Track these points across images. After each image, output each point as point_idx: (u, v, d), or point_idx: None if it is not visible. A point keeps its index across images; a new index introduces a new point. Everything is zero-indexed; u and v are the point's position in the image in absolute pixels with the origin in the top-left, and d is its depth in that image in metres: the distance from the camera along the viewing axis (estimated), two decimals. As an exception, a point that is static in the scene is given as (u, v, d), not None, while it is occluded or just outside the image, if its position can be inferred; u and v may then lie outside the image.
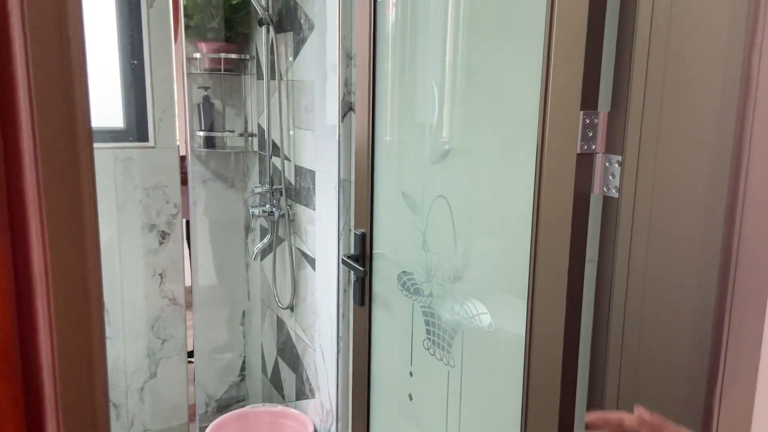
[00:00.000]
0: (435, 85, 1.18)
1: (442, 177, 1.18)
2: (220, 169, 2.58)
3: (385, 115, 1.35)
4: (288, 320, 2.33)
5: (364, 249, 1.43)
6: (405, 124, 1.29)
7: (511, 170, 1.01)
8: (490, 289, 1.08)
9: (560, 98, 0.88)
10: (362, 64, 1.38)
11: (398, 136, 1.32)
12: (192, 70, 2.45)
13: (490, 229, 1.07)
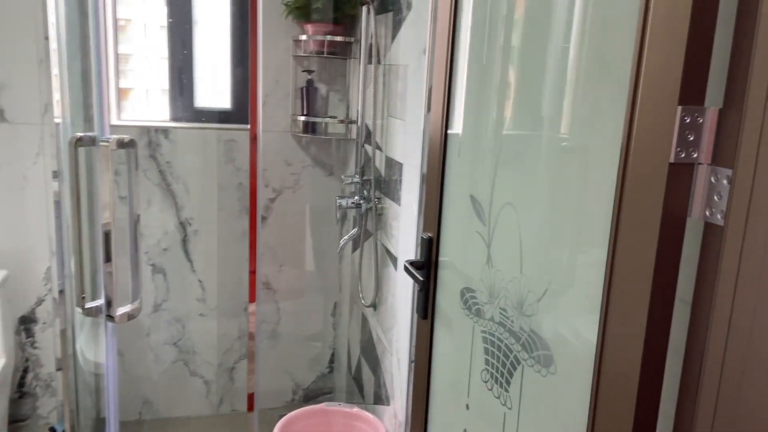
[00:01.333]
0: (512, 75, 0.97)
1: (510, 182, 0.98)
2: (320, 155, 2.51)
3: (460, 108, 1.16)
4: (371, 319, 2.21)
5: (430, 255, 1.26)
6: (479, 119, 1.10)
7: (589, 182, 0.79)
8: (555, 324, 0.87)
9: (652, 86, 0.66)
10: (440, 52, 1.21)
11: (471, 132, 1.13)
12: (297, 53, 2.39)
13: (561, 251, 0.86)
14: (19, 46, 2.16)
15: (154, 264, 2.44)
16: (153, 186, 2.38)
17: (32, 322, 2.36)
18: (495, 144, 1.03)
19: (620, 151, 0.71)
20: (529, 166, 0.94)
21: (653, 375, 0.71)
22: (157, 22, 2.42)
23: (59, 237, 1.88)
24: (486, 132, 1.07)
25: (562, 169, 0.85)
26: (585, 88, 0.80)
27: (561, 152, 0.86)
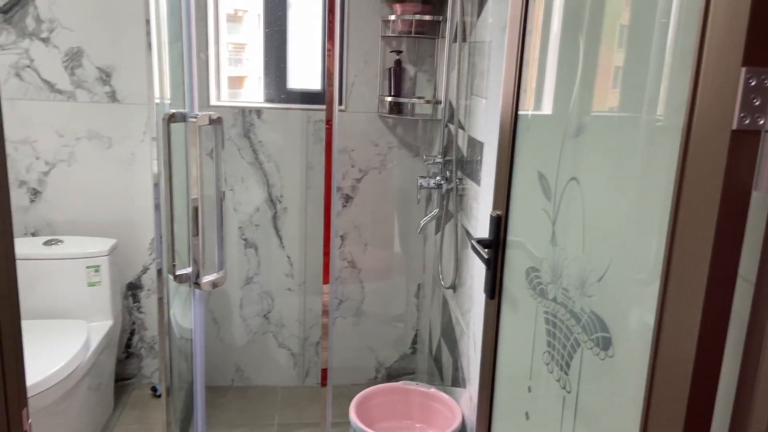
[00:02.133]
0: (581, 41, 0.93)
1: (576, 155, 0.93)
2: (406, 136, 2.51)
3: (531, 80, 1.12)
4: (450, 301, 2.20)
5: (498, 234, 1.23)
6: (550, 92, 1.05)
7: (653, 155, 0.74)
8: (615, 305, 0.83)
9: (715, 47, 0.60)
10: (513, 27, 1.17)
11: (542, 106, 1.09)
12: (386, 33, 2.40)
13: (622, 229, 0.81)
14: (129, 30, 2.32)
15: (246, 239, 2.56)
16: (246, 164, 2.49)
17: (138, 289, 2.55)
18: (563, 118, 0.98)
19: (683, 120, 0.66)
20: (593, 139, 0.89)
21: (710, 358, 0.66)
22: (256, 9, 2.52)
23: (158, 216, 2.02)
24: (557, 105, 1.02)
25: (626, 143, 0.80)
26: (651, 58, 0.75)
27: (625, 125, 0.81)
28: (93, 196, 2.43)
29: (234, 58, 2.61)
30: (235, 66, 2.62)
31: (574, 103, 0.95)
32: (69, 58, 2.31)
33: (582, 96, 0.93)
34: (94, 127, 2.38)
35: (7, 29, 2.26)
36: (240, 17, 2.63)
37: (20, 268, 2.20)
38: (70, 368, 1.93)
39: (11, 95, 2.31)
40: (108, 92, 2.36)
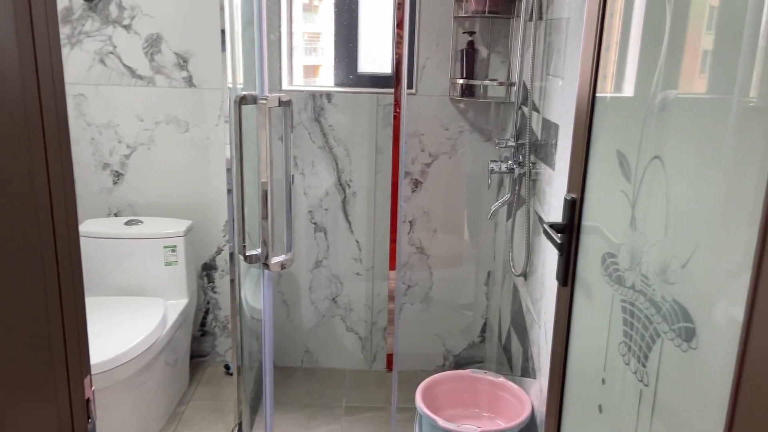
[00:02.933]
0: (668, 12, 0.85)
1: (660, 131, 0.86)
2: (478, 120, 2.45)
3: (611, 56, 1.05)
4: (521, 289, 2.14)
5: (572, 218, 1.17)
6: (630, 63, 0.98)
7: (746, 136, 0.67)
8: (700, 294, 0.76)
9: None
10: None
11: (621, 80, 1.02)
12: (459, 13, 2.34)
13: (711, 212, 0.75)
14: (205, 16, 2.37)
15: (316, 222, 2.58)
16: (317, 148, 2.50)
17: (212, 269, 2.63)
18: (646, 95, 0.91)
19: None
20: (679, 117, 0.82)
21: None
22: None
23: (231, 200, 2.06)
24: (639, 82, 0.95)
25: (715, 122, 0.73)
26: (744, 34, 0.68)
27: (714, 104, 0.74)
28: (171, 178, 2.51)
29: (309, 47, 2.63)
30: (310, 55, 2.63)
31: (658, 79, 0.87)
32: (149, 45, 2.39)
33: (667, 72, 0.86)
34: (172, 111, 2.45)
35: (92, 17, 2.36)
36: (315, 7, 2.63)
37: (103, 247, 2.30)
38: (148, 343, 2.01)
39: (96, 81, 2.41)
40: (185, 77, 2.43)
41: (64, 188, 0.71)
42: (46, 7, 0.65)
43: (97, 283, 2.33)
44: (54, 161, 0.69)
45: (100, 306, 2.19)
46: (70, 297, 0.68)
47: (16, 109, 0.61)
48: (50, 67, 0.68)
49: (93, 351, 1.85)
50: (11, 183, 0.60)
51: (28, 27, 0.63)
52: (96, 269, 2.31)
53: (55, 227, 0.69)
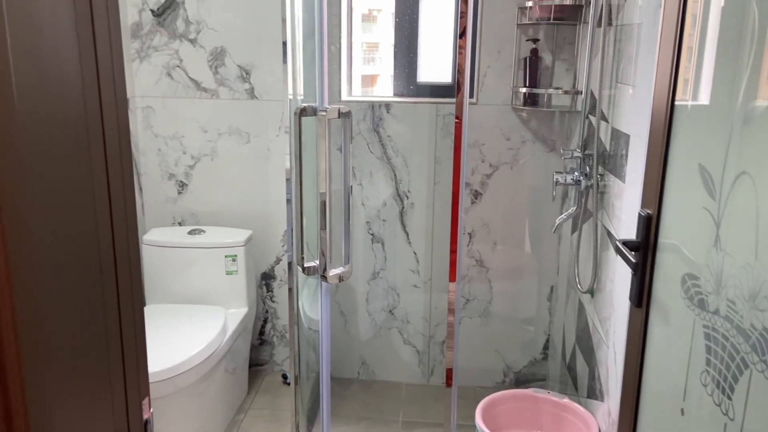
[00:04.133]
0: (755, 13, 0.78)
1: (751, 145, 0.79)
2: (541, 129, 2.38)
3: (690, 63, 0.98)
4: (587, 306, 2.05)
5: (647, 235, 1.10)
6: (718, 75, 0.91)
7: None
8: (799, 323, 0.69)
9: None
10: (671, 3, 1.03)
11: (701, 83, 0.95)
12: (522, 21, 2.28)
13: (812, 231, 0.67)
14: (267, 29, 2.40)
15: (373, 233, 2.56)
16: (375, 159, 2.48)
17: (271, 279, 2.64)
18: (731, 104, 0.84)
19: None
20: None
21: None
22: (390, 8, 2.51)
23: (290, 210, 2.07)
24: (723, 91, 0.88)
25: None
26: None
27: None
28: (232, 188, 2.55)
29: (368, 57, 2.63)
30: (369, 65, 2.63)
31: (746, 86, 0.81)
32: (213, 58, 2.44)
33: (754, 79, 0.79)
34: (234, 122, 2.49)
35: (160, 32, 2.42)
36: (374, 17, 2.63)
37: (167, 256, 2.35)
38: (209, 351, 2.03)
39: (163, 93, 2.48)
40: (247, 89, 2.46)
41: (124, 200, 0.70)
42: (108, 19, 0.65)
43: (161, 290, 2.38)
44: (114, 172, 0.68)
45: (163, 313, 2.24)
46: (130, 315, 0.68)
47: (77, 119, 0.61)
48: (112, 80, 0.68)
49: (156, 359, 1.88)
50: (72, 194, 0.60)
51: (90, 38, 0.62)
52: (160, 277, 2.36)
53: (115, 238, 0.68)
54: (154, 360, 1.85)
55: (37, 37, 0.54)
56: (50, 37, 0.56)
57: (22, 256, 0.51)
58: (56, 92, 0.58)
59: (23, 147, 0.52)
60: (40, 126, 0.54)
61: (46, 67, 0.56)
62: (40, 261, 0.54)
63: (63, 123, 0.59)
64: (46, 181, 0.56)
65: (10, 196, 0.49)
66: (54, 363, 0.56)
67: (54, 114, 0.57)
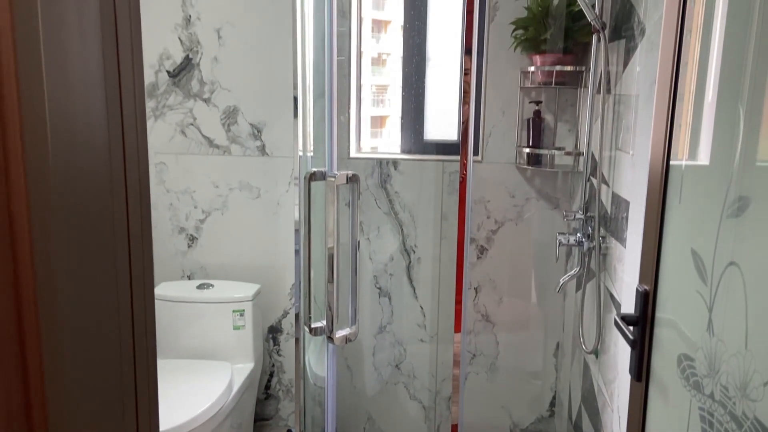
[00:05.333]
0: (741, 106, 0.83)
1: (737, 237, 0.83)
2: (545, 188, 2.43)
3: (682, 147, 1.03)
4: (592, 366, 2.05)
5: (645, 311, 1.13)
6: (704, 156, 0.95)
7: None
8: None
9: None
10: (663, 80, 1.08)
11: (695, 175, 0.99)
12: (525, 84, 2.35)
13: (796, 329, 0.70)
14: (278, 89, 2.48)
15: (380, 287, 2.59)
16: (382, 214, 2.53)
17: (278, 332, 2.66)
18: (722, 192, 0.88)
19: None
20: (760, 220, 0.78)
21: None
22: (398, 52, 2.60)
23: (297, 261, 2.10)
24: (714, 178, 0.92)
25: (801, 229, 0.70)
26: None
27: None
28: (242, 241, 2.60)
29: (377, 99, 2.71)
30: (378, 107, 2.71)
31: (736, 177, 0.84)
32: (226, 116, 2.52)
33: (745, 171, 0.83)
34: (245, 178, 2.56)
35: (175, 91, 2.51)
36: (384, 60, 2.72)
37: (175, 310, 2.39)
38: (216, 408, 2.04)
39: (176, 150, 2.55)
40: (258, 146, 2.53)
41: (143, 253, 0.74)
42: (134, 79, 0.70)
43: (167, 345, 2.40)
44: (135, 224, 0.72)
45: (169, 369, 2.26)
46: (144, 373, 0.71)
47: (102, 172, 0.65)
48: (135, 135, 0.72)
49: (163, 416, 1.90)
50: (95, 243, 0.64)
51: (117, 96, 0.67)
52: (167, 331, 2.39)
53: (133, 292, 0.72)
54: (161, 418, 1.86)
55: (70, 95, 0.58)
56: (81, 95, 0.60)
57: (48, 302, 0.54)
58: (84, 146, 0.62)
59: (55, 198, 0.55)
60: (68, 177, 0.58)
61: (76, 123, 0.60)
62: (62, 306, 0.57)
63: (89, 175, 0.62)
64: (73, 230, 0.59)
65: (42, 246, 0.53)
66: (73, 424, 0.59)
67: (81, 166, 0.61)
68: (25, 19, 0.51)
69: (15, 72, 0.50)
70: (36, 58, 0.53)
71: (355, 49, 2.51)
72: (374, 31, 2.68)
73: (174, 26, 2.46)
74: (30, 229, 0.53)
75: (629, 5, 1.73)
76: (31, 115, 0.52)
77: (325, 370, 1.83)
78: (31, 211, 0.53)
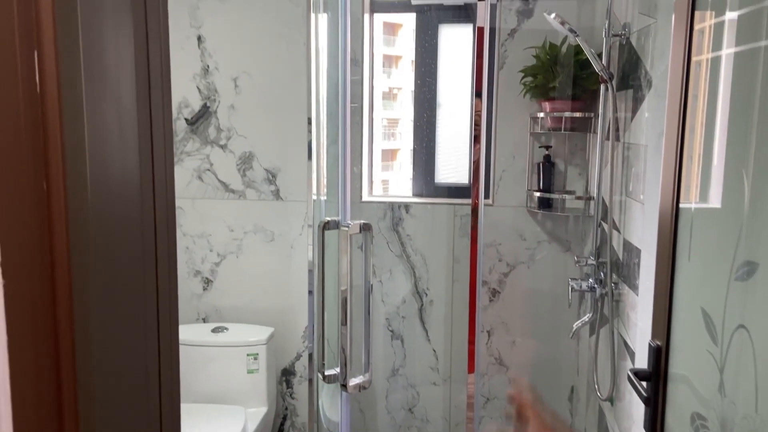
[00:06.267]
0: (746, 173, 0.85)
1: (745, 301, 0.84)
2: (556, 231, 2.44)
3: (692, 202, 1.05)
4: (608, 414, 2.04)
5: (657, 366, 1.13)
6: (713, 219, 0.97)
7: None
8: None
9: None
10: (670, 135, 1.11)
11: (703, 234, 1.01)
12: (535, 129, 2.39)
13: (805, 397, 0.71)
14: (293, 133, 2.54)
15: (393, 330, 2.59)
16: (395, 257, 2.55)
17: (291, 375, 2.67)
18: (729, 253, 0.90)
19: None
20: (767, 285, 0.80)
21: None
22: (410, 86, 2.65)
23: (311, 302, 2.12)
24: (722, 239, 0.94)
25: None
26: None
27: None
28: (256, 284, 2.62)
29: (388, 132, 2.76)
30: (389, 140, 2.76)
31: (743, 242, 0.86)
32: (242, 162, 2.57)
33: (753, 232, 0.85)
34: (259, 221, 2.60)
35: (193, 138, 2.57)
36: (395, 95, 2.78)
37: (190, 354, 2.40)
38: (228, 454, 2.04)
39: (193, 195, 2.60)
40: (273, 190, 2.58)
41: (169, 297, 0.76)
42: (164, 128, 0.73)
43: (182, 389, 2.41)
44: (162, 269, 0.74)
45: (183, 414, 2.26)
46: (169, 419, 0.73)
47: (133, 217, 0.68)
48: (164, 182, 0.75)
49: (176, 463, 1.90)
50: (126, 288, 0.66)
51: (148, 145, 0.70)
52: (182, 375, 2.40)
53: (160, 332, 0.74)
54: (175, 465, 1.87)
55: (107, 147, 0.62)
56: (118, 146, 0.64)
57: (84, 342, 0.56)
58: (119, 194, 0.65)
59: (91, 241, 0.58)
60: (103, 222, 0.61)
61: (112, 172, 0.63)
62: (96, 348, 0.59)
63: (121, 220, 0.65)
64: (108, 274, 0.62)
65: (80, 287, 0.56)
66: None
67: (115, 211, 0.64)
68: (70, 81, 0.55)
69: (60, 130, 0.54)
70: (79, 116, 0.56)
71: (367, 92, 2.57)
72: (385, 66, 2.75)
73: (193, 76, 2.54)
74: (70, 274, 0.56)
75: (635, 57, 1.77)
76: (73, 169, 0.56)
77: (339, 415, 1.83)
78: (71, 256, 0.56)
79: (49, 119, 0.53)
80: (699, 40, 1.04)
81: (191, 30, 2.52)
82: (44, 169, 0.54)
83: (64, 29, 0.53)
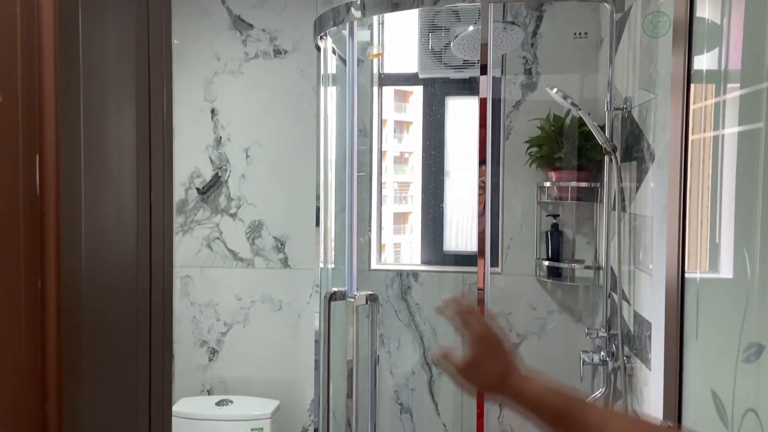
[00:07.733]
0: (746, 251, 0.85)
1: (754, 383, 0.82)
2: (566, 300, 2.41)
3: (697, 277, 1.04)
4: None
5: (670, 449, 1.09)
6: (718, 298, 0.96)
7: None
8: None
9: None
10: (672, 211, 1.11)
11: (710, 313, 0.99)
12: (542, 198, 2.40)
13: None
14: (303, 201, 2.57)
15: (401, 403, 2.53)
16: (403, 326, 2.52)
17: (297, 449, 2.60)
18: (735, 336, 0.88)
19: None
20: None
21: None
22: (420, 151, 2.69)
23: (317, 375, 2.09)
24: (728, 321, 0.93)
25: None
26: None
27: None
28: (262, 355, 2.59)
29: (399, 196, 2.78)
30: (400, 204, 2.78)
31: (747, 324, 0.85)
32: (251, 230, 2.60)
33: (758, 313, 0.83)
34: (267, 290, 2.59)
35: (204, 207, 2.61)
36: (406, 159, 2.82)
37: (193, 428, 2.35)
38: None
39: (202, 263, 2.62)
40: (281, 259, 2.59)
41: (162, 373, 0.75)
42: (164, 199, 0.73)
43: (185, 463, 2.35)
44: (156, 341, 0.73)
45: (186, 489, 2.20)
46: None
47: (129, 288, 0.67)
48: (162, 253, 0.75)
49: None
50: (117, 363, 0.65)
51: (147, 217, 0.71)
52: (186, 449, 2.35)
53: (152, 410, 0.72)
54: None
55: (104, 216, 0.62)
56: (115, 216, 0.64)
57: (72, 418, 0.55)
58: (115, 265, 0.65)
59: (85, 311, 0.58)
60: (97, 292, 0.61)
61: (108, 243, 0.63)
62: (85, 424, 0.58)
63: (116, 291, 0.65)
64: (99, 346, 0.61)
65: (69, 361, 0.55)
66: None
67: (109, 282, 0.63)
68: (70, 180, 0.56)
69: (56, 200, 0.55)
70: (77, 211, 0.58)
71: (376, 160, 2.61)
72: (396, 132, 2.80)
73: (206, 147, 2.60)
74: (59, 348, 0.56)
75: (638, 130, 1.80)
76: (68, 238, 0.56)
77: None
78: (62, 329, 0.56)
79: (47, 220, 0.54)
80: (698, 117, 1.06)
81: (205, 104, 2.60)
82: (40, 269, 0.55)
83: (68, 130, 0.55)
